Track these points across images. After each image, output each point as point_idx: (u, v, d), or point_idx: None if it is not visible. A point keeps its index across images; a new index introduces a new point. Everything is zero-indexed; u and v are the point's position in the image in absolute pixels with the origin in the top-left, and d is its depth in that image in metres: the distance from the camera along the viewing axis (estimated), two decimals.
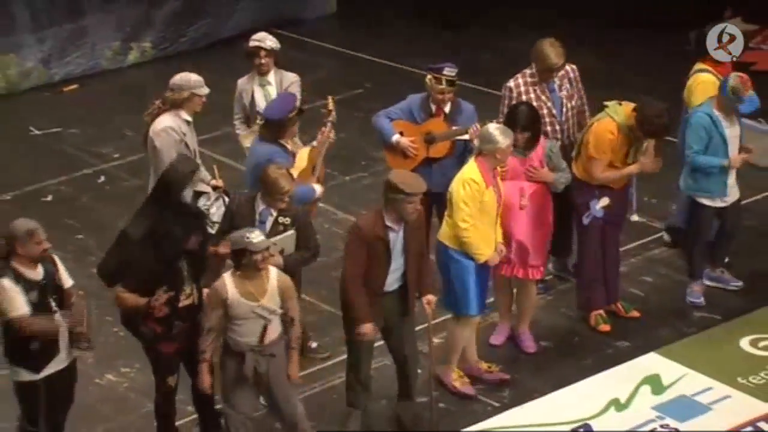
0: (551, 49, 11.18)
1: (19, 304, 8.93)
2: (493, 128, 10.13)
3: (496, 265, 10.50)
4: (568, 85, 11.43)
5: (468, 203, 10.03)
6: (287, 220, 9.89)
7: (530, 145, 10.65)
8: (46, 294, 9.04)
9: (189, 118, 11.04)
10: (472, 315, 10.39)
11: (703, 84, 11.68)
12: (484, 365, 10.74)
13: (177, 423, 9.97)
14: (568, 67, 11.45)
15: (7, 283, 8.93)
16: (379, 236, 9.66)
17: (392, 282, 9.81)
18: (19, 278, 8.95)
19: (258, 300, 9.22)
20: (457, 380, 10.55)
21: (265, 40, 11.67)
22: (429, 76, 11.21)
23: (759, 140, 13.08)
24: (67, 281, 9.30)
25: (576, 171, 11.00)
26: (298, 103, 10.69)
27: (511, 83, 11.37)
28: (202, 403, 9.92)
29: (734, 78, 11.06)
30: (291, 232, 9.90)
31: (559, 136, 11.32)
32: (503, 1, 17.52)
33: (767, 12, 16.42)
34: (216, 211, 11.02)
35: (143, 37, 16.83)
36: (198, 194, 11.03)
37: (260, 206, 9.95)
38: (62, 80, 16.30)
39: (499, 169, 10.30)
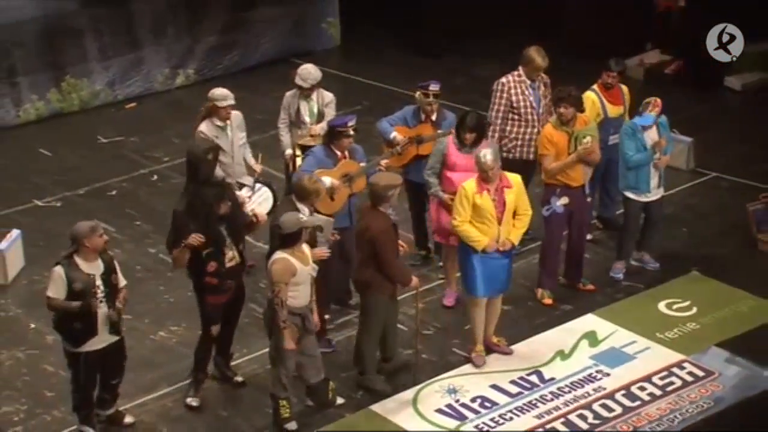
0: (537, 54, 11.32)
1: (58, 289, 8.81)
2: (482, 153, 9.76)
3: (447, 236, 10.35)
4: (543, 87, 11.48)
5: (458, 204, 9.82)
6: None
7: (476, 144, 10.40)
8: (93, 286, 8.83)
9: (221, 124, 10.98)
10: (479, 296, 10.04)
11: (586, 98, 11.48)
12: (494, 339, 10.40)
13: None
14: (543, 75, 11.51)
15: (59, 270, 8.83)
16: (390, 224, 9.56)
17: None
18: (72, 268, 8.81)
19: (308, 264, 9.11)
20: (472, 350, 10.24)
21: (307, 79, 11.39)
22: (419, 93, 11.12)
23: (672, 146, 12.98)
24: (122, 282, 9.12)
25: (542, 175, 10.90)
26: (351, 123, 10.35)
27: (503, 79, 11.40)
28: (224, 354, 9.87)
29: (653, 99, 11.01)
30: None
31: (536, 123, 11.36)
32: (472, 36, 17.40)
33: (680, 46, 16.37)
34: (256, 198, 10.86)
35: (188, 65, 16.66)
36: (240, 185, 10.96)
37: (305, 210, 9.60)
38: (124, 99, 16.10)
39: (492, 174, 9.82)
